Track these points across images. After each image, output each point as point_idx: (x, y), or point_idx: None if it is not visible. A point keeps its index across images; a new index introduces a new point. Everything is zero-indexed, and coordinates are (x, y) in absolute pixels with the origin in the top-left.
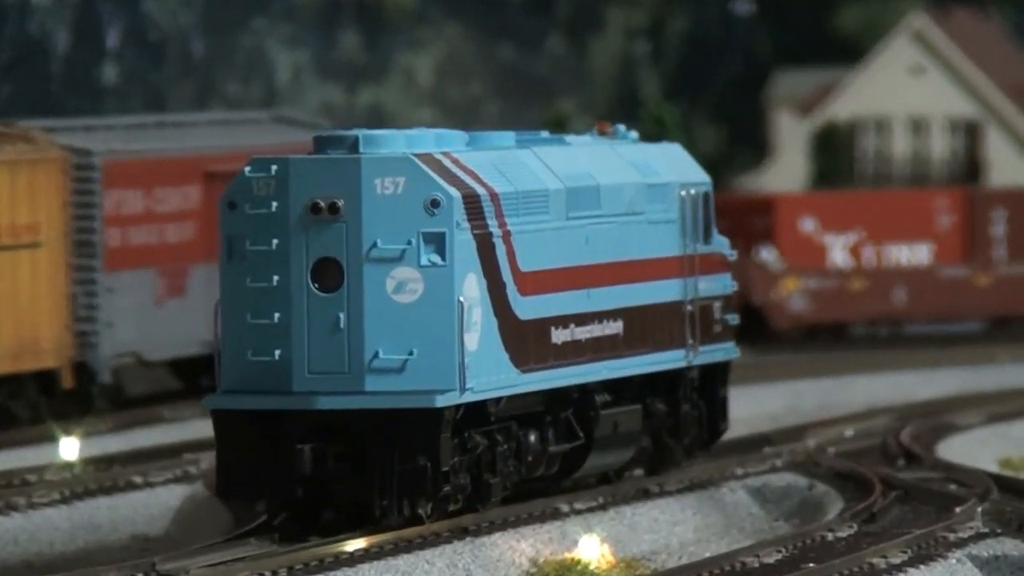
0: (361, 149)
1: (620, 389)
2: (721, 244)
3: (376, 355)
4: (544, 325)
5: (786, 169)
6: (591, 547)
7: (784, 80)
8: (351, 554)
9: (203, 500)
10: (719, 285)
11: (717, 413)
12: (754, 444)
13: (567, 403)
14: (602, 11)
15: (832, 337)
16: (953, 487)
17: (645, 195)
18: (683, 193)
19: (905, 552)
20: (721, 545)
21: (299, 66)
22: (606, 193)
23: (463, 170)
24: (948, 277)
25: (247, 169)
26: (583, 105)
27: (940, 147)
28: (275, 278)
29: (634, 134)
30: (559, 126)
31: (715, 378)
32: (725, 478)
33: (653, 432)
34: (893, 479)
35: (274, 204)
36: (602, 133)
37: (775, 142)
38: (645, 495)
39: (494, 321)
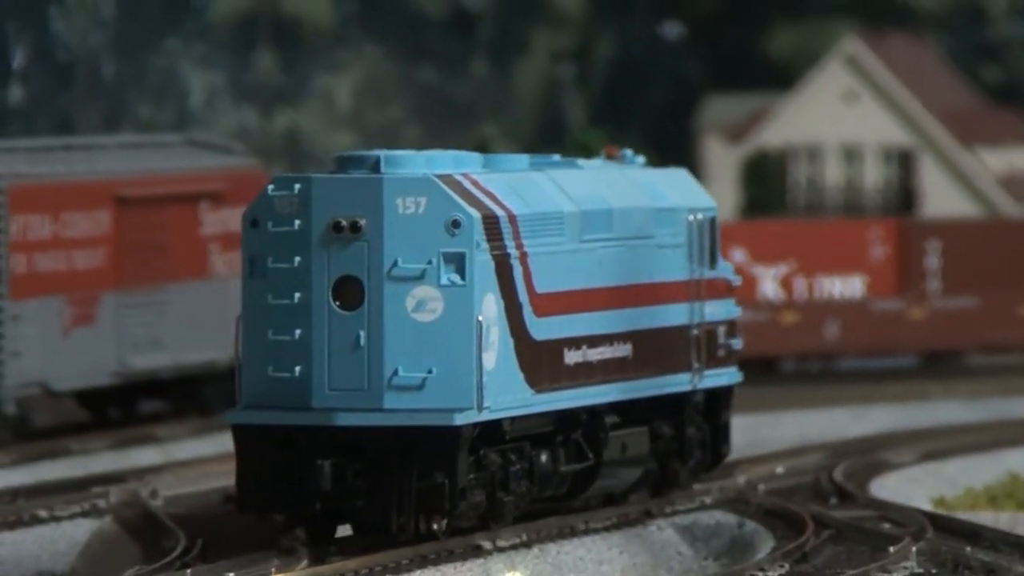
0: (383, 169)
1: (627, 411)
2: (726, 269)
3: (396, 373)
4: (558, 346)
5: (715, 197)
6: None
7: (714, 106)
8: None
9: (111, 535)
10: (724, 310)
11: (720, 437)
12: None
13: (577, 424)
14: (527, 34)
15: (762, 372)
16: (887, 526)
17: (654, 219)
18: (690, 218)
19: None
20: None
21: (213, 88)
22: (618, 216)
23: (482, 191)
24: (881, 311)
25: (270, 188)
26: (506, 130)
27: (874, 176)
28: (297, 295)
29: (641, 158)
30: (481, 151)
31: (718, 402)
32: (653, 516)
33: (659, 454)
34: (825, 517)
35: (297, 222)
36: (610, 157)
37: (704, 170)
38: (571, 532)
39: (510, 341)
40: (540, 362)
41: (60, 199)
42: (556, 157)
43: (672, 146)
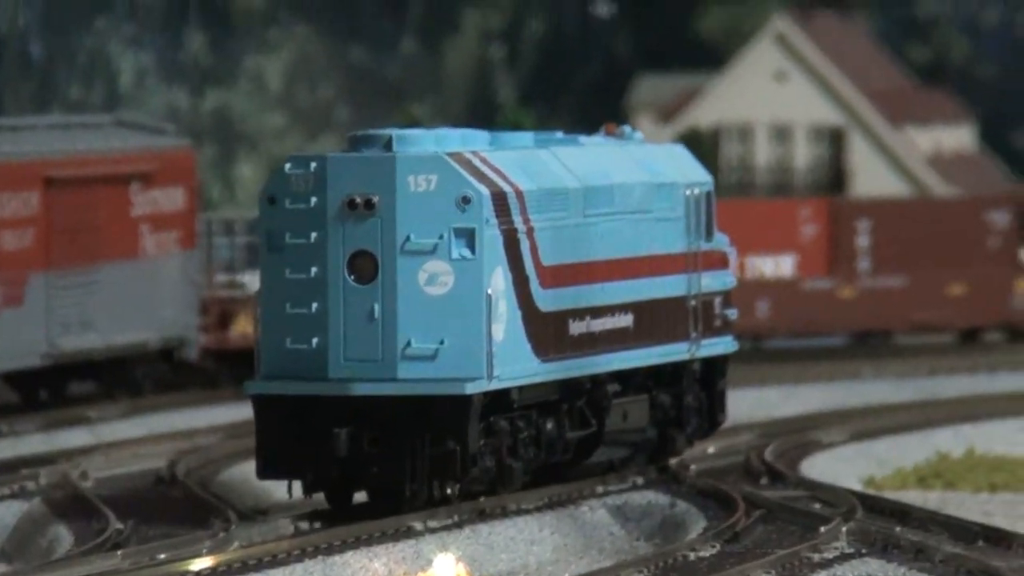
0: (395, 148)
1: (627, 380)
2: (721, 242)
3: (409, 344)
4: (563, 317)
5: None
6: (446, 566)
7: (646, 85)
8: (197, 573)
9: (41, 517)
10: (720, 281)
11: (716, 404)
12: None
13: (580, 392)
14: (457, 13)
15: None
16: (817, 506)
17: (653, 194)
18: (687, 192)
19: (769, 572)
20: (580, 565)
21: (143, 68)
22: (619, 192)
23: (491, 168)
24: (812, 290)
25: (287, 166)
26: (438, 109)
27: (804, 155)
28: (313, 270)
29: (640, 134)
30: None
31: (714, 371)
32: (584, 496)
33: (658, 422)
34: (756, 497)
35: (313, 199)
36: (609, 133)
37: None
38: (502, 513)
39: (518, 313)
40: (546, 333)
41: None
42: (559, 134)
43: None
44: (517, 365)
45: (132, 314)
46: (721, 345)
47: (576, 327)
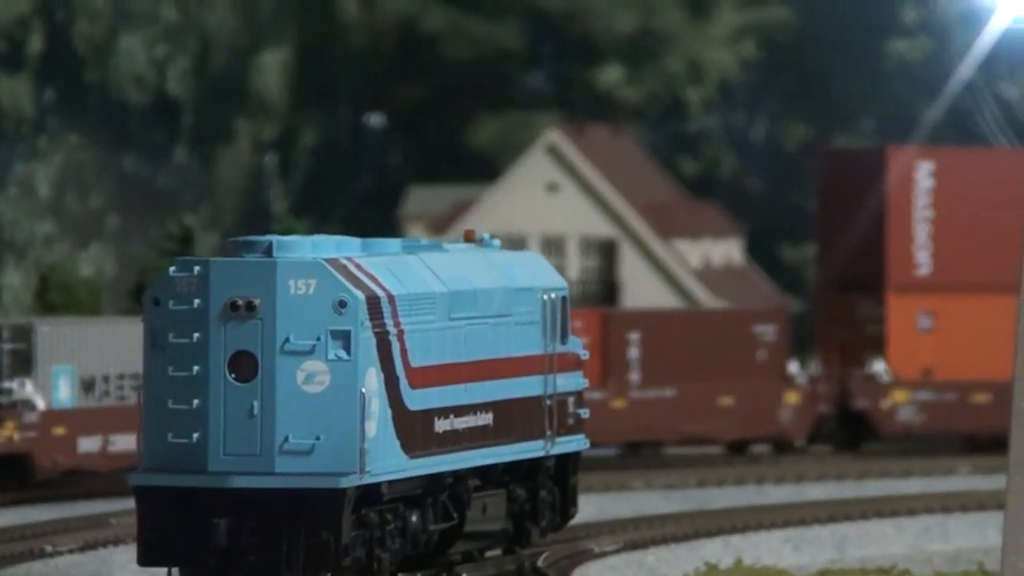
0: (275, 254)
1: (487, 475)
2: (575, 344)
3: (286, 439)
4: (429, 415)
5: None
6: None
7: (417, 196)
8: None
9: None
10: (573, 382)
11: (569, 499)
12: None
13: (443, 487)
14: (230, 122)
15: None
16: None
17: (513, 298)
18: (544, 297)
19: None
20: None
21: None
22: (481, 296)
23: (365, 274)
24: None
25: (172, 269)
26: (210, 218)
27: (576, 266)
28: (195, 368)
29: (497, 242)
30: (185, 241)
31: (567, 467)
32: None
33: (514, 515)
34: None
35: (196, 301)
36: (468, 240)
37: None
38: None
39: (389, 411)
40: (414, 430)
41: None
42: (423, 240)
43: (375, 236)
44: (387, 460)
45: None
46: (574, 443)
47: (441, 425)
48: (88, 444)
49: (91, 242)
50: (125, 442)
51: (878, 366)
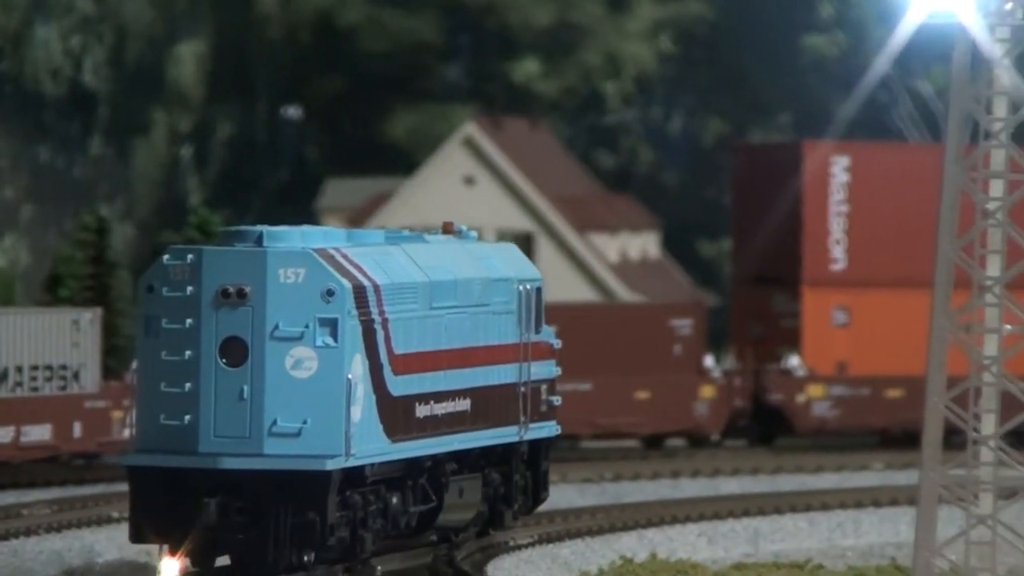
0: (265, 243)
1: (463, 459)
2: (548, 334)
3: (275, 422)
4: (411, 401)
5: None
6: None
7: (334, 188)
8: None
9: None
10: (546, 370)
11: (540, 483)
12: None
13: (422, 470)
14: (146, 113)
15: None
16: None
17: (490, 288)
18: (520, 287)
19: None
20: None
21: None
22: (461, 286)
23: (351, 264)
24: None
25: (166, 257)
26: (125, 210)
27: None
28: (187, 353)
29: (474, 233)
30: (100, 232)
31: (539, 452)
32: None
33: (488, 498)
34: None
35: (189, 288)
36: (447, 232)
37: None
38: None
39: (373, 397)
40: (396, 415)
41: None
42: (406, 232)
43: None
44: (371, 444)
45: None
46: (546, 429)
47: (422, 410)
48: (0, 435)
49: (5, 233)
50: (38, 433)
51: (793, 361)
